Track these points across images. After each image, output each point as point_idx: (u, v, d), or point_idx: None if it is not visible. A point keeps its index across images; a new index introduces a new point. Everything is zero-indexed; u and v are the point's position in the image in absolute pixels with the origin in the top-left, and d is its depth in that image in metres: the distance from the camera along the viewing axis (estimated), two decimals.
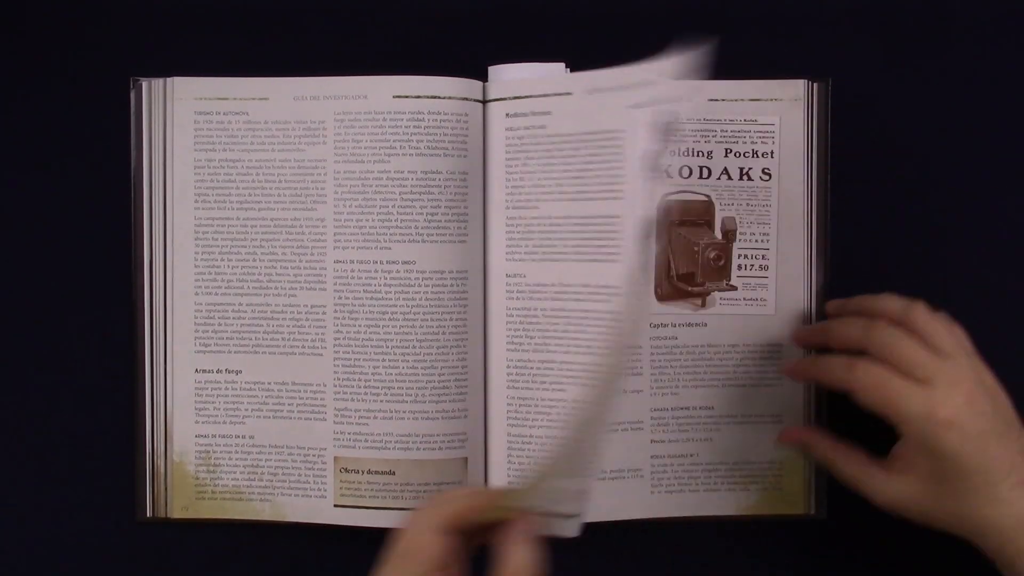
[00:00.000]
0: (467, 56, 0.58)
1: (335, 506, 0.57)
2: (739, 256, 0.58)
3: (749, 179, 0.58)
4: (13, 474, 0.59)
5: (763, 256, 0.58)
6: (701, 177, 0.58)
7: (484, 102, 0.57)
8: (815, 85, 0.58)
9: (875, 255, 0.60)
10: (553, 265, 0.56)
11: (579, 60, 0.57)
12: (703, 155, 0.58)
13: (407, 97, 0.56)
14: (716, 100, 0.58)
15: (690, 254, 0.58)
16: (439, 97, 0.56)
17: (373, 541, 0.58)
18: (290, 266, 0.57)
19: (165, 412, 0.58)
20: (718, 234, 0.58)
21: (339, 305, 0.57)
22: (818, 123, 0.58)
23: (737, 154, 0.58)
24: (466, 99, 0.57)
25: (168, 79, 0.57)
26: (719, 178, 0.58)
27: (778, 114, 0.58)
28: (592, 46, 0.59)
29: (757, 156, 0.58)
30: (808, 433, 0.56)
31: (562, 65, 0.57)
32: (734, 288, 0.59)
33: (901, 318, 0.52)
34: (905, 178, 0.60)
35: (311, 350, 0.57)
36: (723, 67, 0.58)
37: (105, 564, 0.59)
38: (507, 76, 0.57)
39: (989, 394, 0.50)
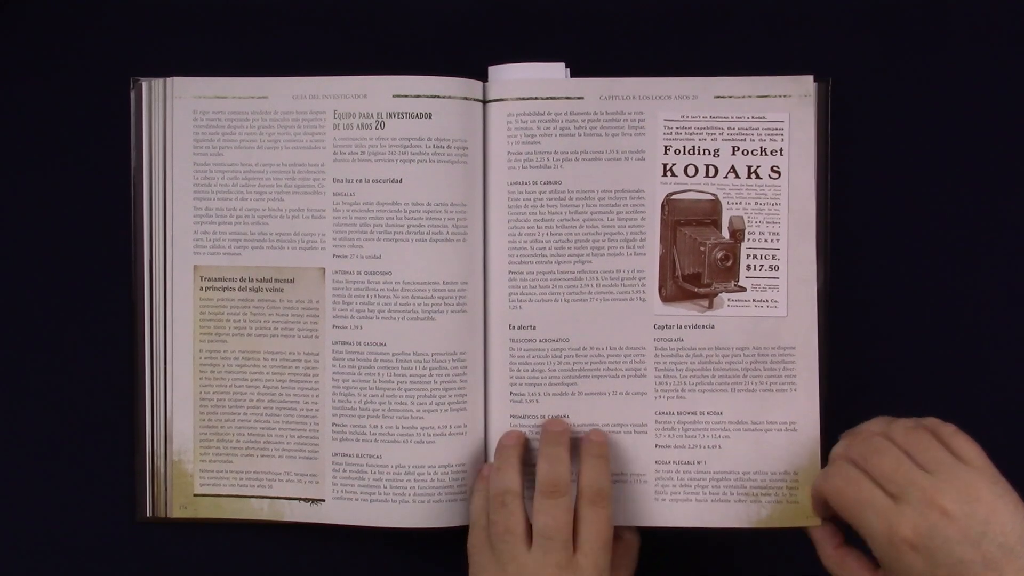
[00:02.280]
0: (467, 56, 0.58)
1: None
2: (748, 256, 0.57)
3: (757, 177, 0.57)
4: (13, 474, 0.60)
5: (773, 256, 0.57)
6: (707, 175, 0.57)
7: (484, 102, 0.57)
8: (815, 85, 0.57)
9: (876, 255, 0.59)
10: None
11: (579, 60, 0.57)
12: (709, 153, 0.57)
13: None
14: (723, 97, 0.57)
15: (696, 254, 0.56)
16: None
17: (369, 540, 0.57)
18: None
19: (165, 411, 0.58)
20: (725, 234, 0.57)
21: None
22: (820, 122, 0.57)
23: (745, 151, 0.57)
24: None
25: (168, 79, 0.58)
26: (726, 176, 0.57)
27: (787, 110, 0.57)
28: (592, 46, 0.59)
29: (765, 154, 0.57)
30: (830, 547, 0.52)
31: (562, 65, 0.57)
32: (743, 289, 0.57)
33: (885, 432, 0.48)
34: (906, 177, 0.59)
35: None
36: (723, 66, 0.58)
37: (105, 564, 0.59)
38: (507, 76, 0.57)
39: (985, 517, 0.43)
